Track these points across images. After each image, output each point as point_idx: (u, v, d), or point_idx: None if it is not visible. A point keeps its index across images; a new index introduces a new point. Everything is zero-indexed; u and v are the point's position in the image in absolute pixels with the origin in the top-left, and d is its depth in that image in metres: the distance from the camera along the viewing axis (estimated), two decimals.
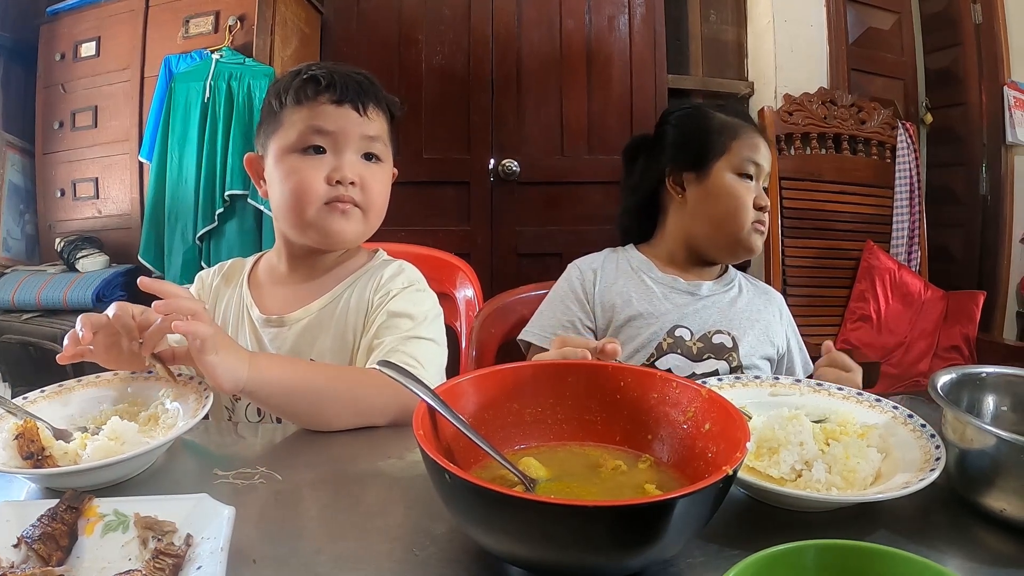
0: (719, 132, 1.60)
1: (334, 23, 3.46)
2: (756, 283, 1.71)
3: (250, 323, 1.37)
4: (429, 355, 1.25)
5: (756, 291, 1.67)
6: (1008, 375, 0.96)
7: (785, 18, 3.54)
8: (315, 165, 1.29)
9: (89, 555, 0.72)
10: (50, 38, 3.43)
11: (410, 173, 3.21)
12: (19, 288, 3.10)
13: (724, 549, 0.74)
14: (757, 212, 1.56)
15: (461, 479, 0.61)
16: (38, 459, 0.89)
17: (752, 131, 1.61)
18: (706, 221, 1.59)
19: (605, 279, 1.60)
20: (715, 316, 1.56)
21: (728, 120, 1.62)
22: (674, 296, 1.57)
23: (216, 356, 0.98)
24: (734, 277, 1.67)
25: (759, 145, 1.59)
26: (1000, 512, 0.79)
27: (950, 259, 3.80)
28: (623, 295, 1.57)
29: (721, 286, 1.62)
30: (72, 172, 3.41)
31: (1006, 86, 3.56)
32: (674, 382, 0.83)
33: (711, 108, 1.68)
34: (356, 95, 1.31)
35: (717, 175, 1.57)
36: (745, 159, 1.57)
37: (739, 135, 1.59)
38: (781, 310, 1.67)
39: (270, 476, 0.91)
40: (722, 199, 1.57)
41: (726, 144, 1.58)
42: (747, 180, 1.57)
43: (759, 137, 1.61)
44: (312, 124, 1.29)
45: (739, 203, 1.55)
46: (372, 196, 1.33)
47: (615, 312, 1.56)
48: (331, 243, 1.35)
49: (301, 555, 0.73)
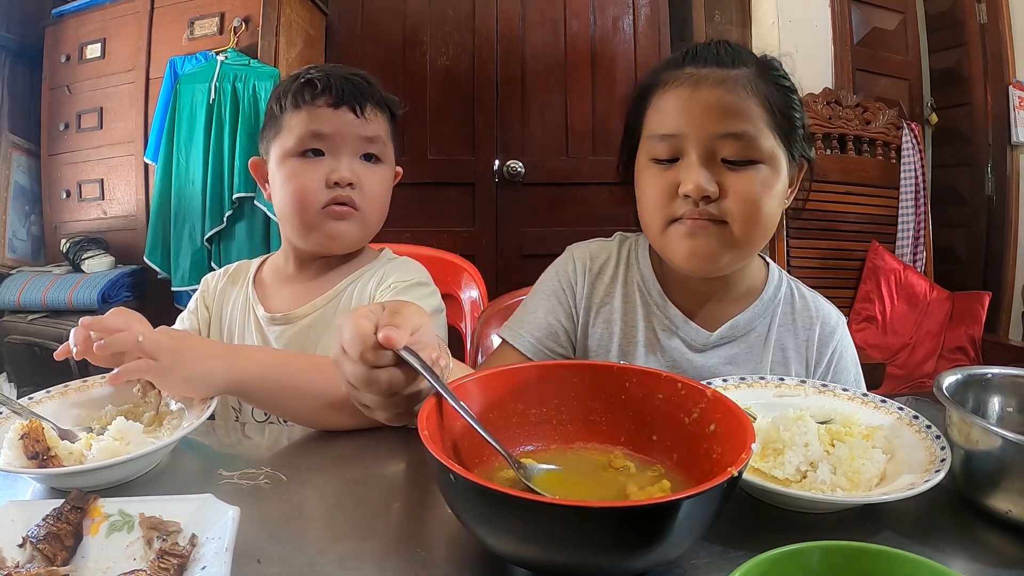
0: (638, 101, 1.22)
1: (339, 24, 3.47)
2: (806, 305, 1.29)
3: (256, 322, 1.38)
4: None
5: (793, 327, 1.27)
6: (1014, 376, 0.95)
7: (790, 18, 3.53)
8: (314, 168, 1.31)
9: (94, 555, 0.72)
10: (55, 40, 3.44)
11: (415, 174, 3.25)
12: (25, 289, 3.11)
13: (728, 550, 0.74)
14: (674, 204, 1.13)
15: (465, 479, 0.61)
16: (43, 459, 0.89)
17: (674, 83, 1.14)
18: (642, 225, 1.24)
19: (598, 292, 1.31)
20: (715, 371, 1.21)
21: (655, 77, 1.19)
22: (671, 348, 1.25)
23: (167, 379, 0.99)
24: (767, 308, 1.27)
25: (678, 100, 1.13)
26: (1006, 513, 0.78)
27: (955, 260, 3.79)
28: (604, 331, 1.29)
29: (740, 329, 1.25)
30: (78, 173, 3.42)
31: (1011, 86, 3.55)
32: (679, 383, 0.83)
33: None
34: (353, 97, 1.31)
35: (637, 165, 1.23)
36: (654, 136, 1.16)
37: (652, 99, 1.18)
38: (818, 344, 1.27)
39: (275, 477, 0.91)
40: (638, 199, 1.22)
41: (641, 117, 1.21)
42: (659, 165, 1.16)
43: (687, 87, 1.12)
44: (310, 128, 1.30)
45: (646, 200, 1.18)
46: (371, 197, 1.34)
47: (588, 344, 1.30)
48: (332, 246, 1.36)
49: (305, 555, 0.73)
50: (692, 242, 1.13)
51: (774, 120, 1.12)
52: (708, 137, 1.10)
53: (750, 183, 1.11)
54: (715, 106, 1.10)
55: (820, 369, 1.27)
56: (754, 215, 1.11)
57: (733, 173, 1.11)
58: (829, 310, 1.31)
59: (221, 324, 1.43)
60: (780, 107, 1.13)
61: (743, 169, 1.11)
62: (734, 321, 1.24)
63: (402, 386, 0.79)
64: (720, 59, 1.13)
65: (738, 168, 1.11)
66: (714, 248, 1.13)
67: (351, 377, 0.79)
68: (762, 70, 1.15)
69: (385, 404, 0.81)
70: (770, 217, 1.14)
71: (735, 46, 1.18)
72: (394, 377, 0.78)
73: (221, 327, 1.43)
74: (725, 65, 1.13)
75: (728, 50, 1.16)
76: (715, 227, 1.12)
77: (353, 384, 0.80)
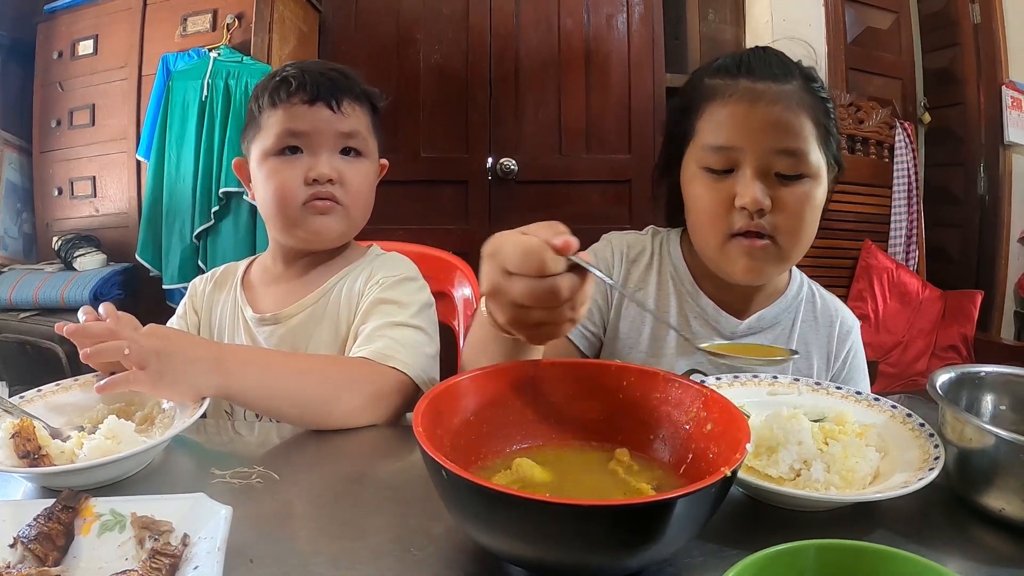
0: (688, 106, 1.24)
1: (332, 21, 3.46)
2: (826, 305, 1.35)
3: (244, 324, 1.38)
4: (414, 342, 1.24)
5: (815, 324, 1.33)
6: (1007, 374, 0.96)
7: (783, 17, 3.54)
8: (292, 166, 1.31)
9: (86, 555, 0.71)
10: (48, 36, 3.43)
11: (408, 172, 3.25)
12: (16, 287, 3.10)
13: (723, 549, 0.74)
14: (730, 216, 1.16)
15: (458, 476, 0.61)
16: (35, 458, 0.89)
17: (730, 97, 1.16)
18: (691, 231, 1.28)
19: (633, 277, 1.33)
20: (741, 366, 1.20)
21: (707, 83, 1.21)
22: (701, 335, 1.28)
23: (159, 386, 0.99)
24: (791, 305, 1.32)
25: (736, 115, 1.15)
26: (999, 511, 0.79)
27: (948, 259, 3.81)
28: (638, 314, 1.31)
29: (767, 321, 1.30)
30: (70, 170, 3.41)
31: (1004, 86, 3.57)
32: (677, 382, 0.83)
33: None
34: (329, 92, 1.31)
35: (684, 170, 1.25)
36: (708, 147, 1.18)
37: (706, 108, 1.20)
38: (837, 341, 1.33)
39: (267, 476, 0.90)
40: (689, 207, 1.25)
41: (692, 124, 1.22)
42: (712, 175, 1.18)
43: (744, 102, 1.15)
44: (287, 126, 1.30)
45: (701, 210, 1.20)
46: (353, 191, 1.34)
47: (620, 326, 1.31)
48: (316, 242, 1.36)
49: (298, 554, 0.73)
50: (750, 261, 1.17)
51: (819, 133, 1.17)
52: (765, 152, 1.14)
53: (798, 197, 1.15)
54: (773, 123, 1.14)
55: (838, 363, 1.33)
56: (800, 229, 1.17)
57: (783, 187, 1.15)
58: (846, 311, 1.37)
59: (211, 328, 1.43)
60: (822, 120, 1.18)
61: (793, 183, 1.15)
62: (761, 314, 1.29)
63: (577, 289, 0.79)
64: (773, 73, 1.16)
65: (788, 182, 1.15)
66: (768, 267, 1.19)
67: (525, 296, 0.78)
68: (806, 83, 1.18)
69: (559, 315, 0.80)
70: (812, 229, 1.19)
71: (782, 57, 1.21)
72: (573, 282, 0.78)
73: (211, 331, 1.43)
74: (778, 79, 1.16)
75: (778, 62, 1.19)
76: (772, 247, 1.16)
77: (524, 304, 0.78)
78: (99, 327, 1.00)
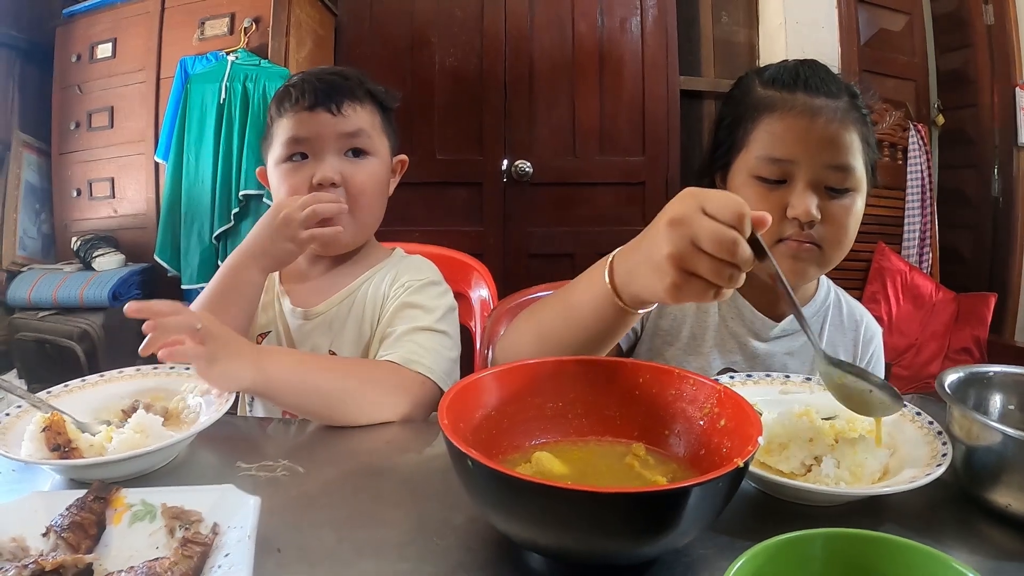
0: (739, 118, 1.27)
1: (348, 25, 3.48)
2: (851, 311, 1.43)
3: (280, 313, 1.40)
4: (438, 346, 1.27)
5: (842, 328, 1.40)
6: (1015, 374, 0.97)
7: (797, 19, 3.54)
8: (299, 172, 1.34)
9: (117, 544, 0.73)
10: (66, 40, 3.45)
11: (423, 174, 3.27)
12: (35, 286, 3.13)
13: (735, 540, 0.76)
14: (782, 225, 1.19)
15: (483, 465, 0.63)
16: (65, 451, 0.91)
17: (789, 111, 1.20)
18: None
19: None
20: (773, 365, 1.33)
21: (763, 94, 1.25)
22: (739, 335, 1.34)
23: (211, 369, 1.00)
24: (819, 309, 1.39)
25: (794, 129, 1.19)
26: (1005, 507, 0.80)
27: (961, 261, 3.79)
28: (679, 313, 1.35)
29: (798, 326, 1.28)
30: (88, 172, 3.43)
31: (1018, 87, 3.55)
32: (691, 379, 0.85)
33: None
34: (327, 96, 1.33)
35: (734, 176, 1.28)
36: (763, 157, 1.21)
37: (763, 119, 1.22)
38: (862, 344, 1.40)
39: (292, 469, 0.92)
40: None
41: (746, 133, 1.25)
42: (766, 184, 1.21)
43: (805, 118, 1.18)
44: (292, 134, 1.33)
45: None
46: (360, 191, 1.35)
47: (660, 323, 1.36)
48: (328, 247, 1.38)
49: (324, 544, 0.75)
50: (795, 263, 1.22)
51: (863, 149, 1.23)
52: (819, 167, 1.19)
53: (844, 211, 1.21)
54: (829, 139, 1.18)
55: (862, 365, 1.38)
56: (844, 240, 1.23)
57: (831, 200, 1.20)
58: (869, 317, 1.44)
59: None
60: (867, 136, 1.24)
61: (840, 196, 1.21)
62: (792, 317, 1.31)
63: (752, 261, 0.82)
64: (829, 89, 1.21)
65: (836, 195, 1.21)
66: (810, 269, 1.24)
67: (711, 273, 0.81)
68: (853, 100, 1.24)
69: (735, 277, 0.82)
70: (853, 238, 1.25)
71: (832, 72, 1.27)
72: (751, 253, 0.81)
73: None
74: (833, 95, 1.21)
75: (832, 77, 1.25)
76: (817, 251, 1.21)
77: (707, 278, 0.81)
78: (165, 304, 1.02)
